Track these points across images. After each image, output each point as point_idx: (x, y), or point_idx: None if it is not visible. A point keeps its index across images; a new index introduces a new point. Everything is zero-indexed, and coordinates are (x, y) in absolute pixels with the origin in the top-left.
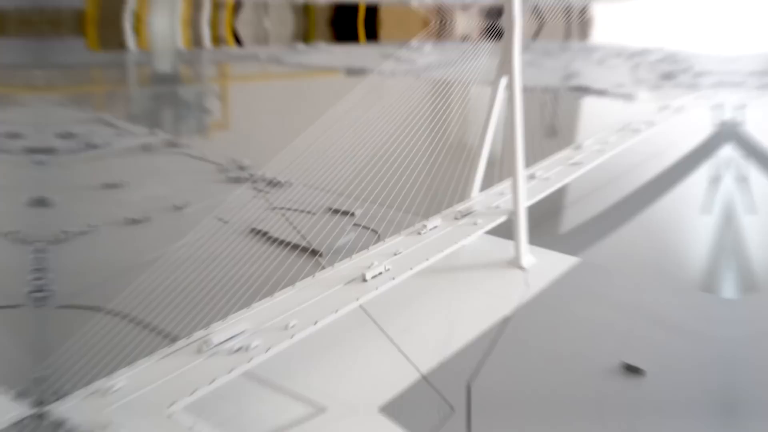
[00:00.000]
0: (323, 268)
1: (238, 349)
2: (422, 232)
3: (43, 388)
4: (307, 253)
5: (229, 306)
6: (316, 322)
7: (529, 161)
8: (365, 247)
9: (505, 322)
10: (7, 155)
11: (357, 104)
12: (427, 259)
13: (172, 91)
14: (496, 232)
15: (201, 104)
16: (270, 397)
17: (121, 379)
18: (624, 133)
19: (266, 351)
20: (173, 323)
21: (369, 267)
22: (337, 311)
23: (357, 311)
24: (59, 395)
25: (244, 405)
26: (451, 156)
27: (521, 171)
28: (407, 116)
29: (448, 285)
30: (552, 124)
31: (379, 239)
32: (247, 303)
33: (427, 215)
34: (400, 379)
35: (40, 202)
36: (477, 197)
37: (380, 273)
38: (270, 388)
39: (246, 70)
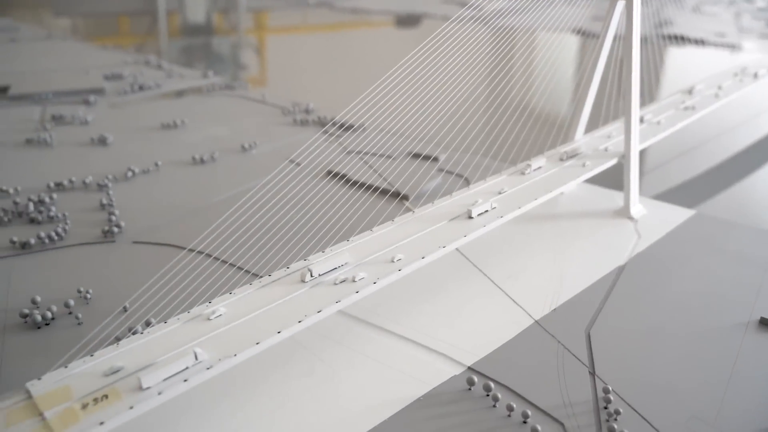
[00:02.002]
0: (412, 211)
1: (343, 281)
2: (526, 172)
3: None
4: (396, 198)
5: (320, 245)
6: (423, 257)
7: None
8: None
9: (619, 271)
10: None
11: (424, 50)
12: (535, 199)
13: (205, 44)
14: (595, 181)
15: (236, 58)
16: (375, 336)
17: (220, 306)
18: (741, 77)
19: (374, 283)
20: (258, 262)
21: (473, 204)
22: (444, 247)
23: (455, 255)
24: (151, 324)
25: (349, 343)
26: (540, 103)
27: (636, 109)
28: (481, 65)
29: (551, 233)
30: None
31: (468, 185)
32: (338, 241)
33: (517, 161)
34: (511, 324)
35: (101, 141)
36: (581, 140)
37: (486, 211)
38: (372, 328)
39: (286, 20)
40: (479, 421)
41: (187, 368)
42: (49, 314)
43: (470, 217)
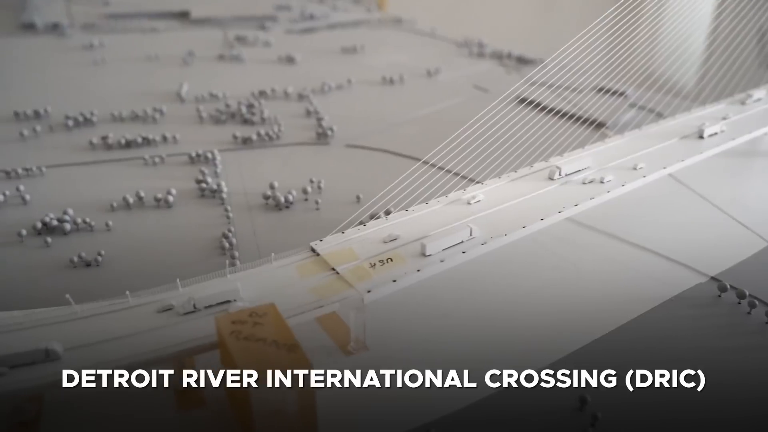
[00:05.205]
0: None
1: (591, 181)
2: (746, 102)
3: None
4: (593, 125)
5: (541, 156)
6: (665, 167)
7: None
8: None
9: None
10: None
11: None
12: (765, 126)
13: None
14: None
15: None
16: (615, 244)
17: (479, 192)
18: None
19: (622, 185)
20: (478, 170)
21: (703, 126)
22: (683, 161)
23: (669, 180)
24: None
25: (590, 248)
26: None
27: None
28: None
29: (764, 167)
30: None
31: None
32: (551, 155)
33: (709, 100)
34: (743, 244)
35: (289, 60)
36: None
37: (716, 133)
38: (610, 236)
39: None
40: (736, 324)
41: (462, 242)
42: (290, 197)
43: (701, 137)
